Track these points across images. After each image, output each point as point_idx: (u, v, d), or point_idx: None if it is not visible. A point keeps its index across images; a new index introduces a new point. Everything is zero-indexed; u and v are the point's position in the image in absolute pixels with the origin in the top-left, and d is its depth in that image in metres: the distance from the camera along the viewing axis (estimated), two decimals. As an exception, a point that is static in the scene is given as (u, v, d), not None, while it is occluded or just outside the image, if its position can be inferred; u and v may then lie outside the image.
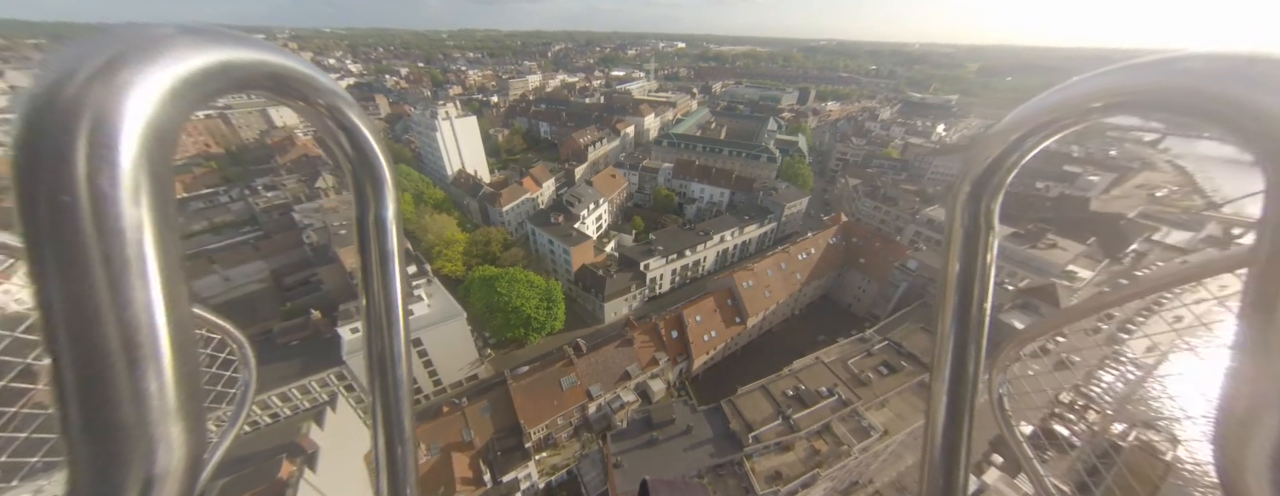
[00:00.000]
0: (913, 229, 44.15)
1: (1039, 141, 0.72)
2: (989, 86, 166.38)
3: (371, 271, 0.97)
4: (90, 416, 0.38)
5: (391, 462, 1.06)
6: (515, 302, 32.11)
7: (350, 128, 0.78)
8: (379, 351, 1.01)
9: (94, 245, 0.36)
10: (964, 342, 0.90)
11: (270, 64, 0.53)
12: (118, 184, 0.37)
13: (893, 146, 70.54)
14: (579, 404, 27.66)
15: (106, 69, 0.37)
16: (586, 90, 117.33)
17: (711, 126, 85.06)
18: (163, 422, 0.41)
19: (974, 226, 0.86)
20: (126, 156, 0.37)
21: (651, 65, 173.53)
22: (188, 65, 0.41)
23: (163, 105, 0.39)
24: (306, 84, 0.63)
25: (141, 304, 0.39)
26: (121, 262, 0.37)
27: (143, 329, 0.39)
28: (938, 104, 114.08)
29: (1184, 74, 0.48)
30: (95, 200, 0.36)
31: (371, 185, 0.89)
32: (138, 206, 0.38)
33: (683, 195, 56.27)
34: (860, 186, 53.09)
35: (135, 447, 0.39)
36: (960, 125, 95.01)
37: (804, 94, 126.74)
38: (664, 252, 39.92)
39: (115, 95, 0.37)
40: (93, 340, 0.37)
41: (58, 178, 0.35)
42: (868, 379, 26.51)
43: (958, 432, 0.92)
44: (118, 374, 0.38)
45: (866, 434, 23.34)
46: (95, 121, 0.36)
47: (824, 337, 35.42)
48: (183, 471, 0.43)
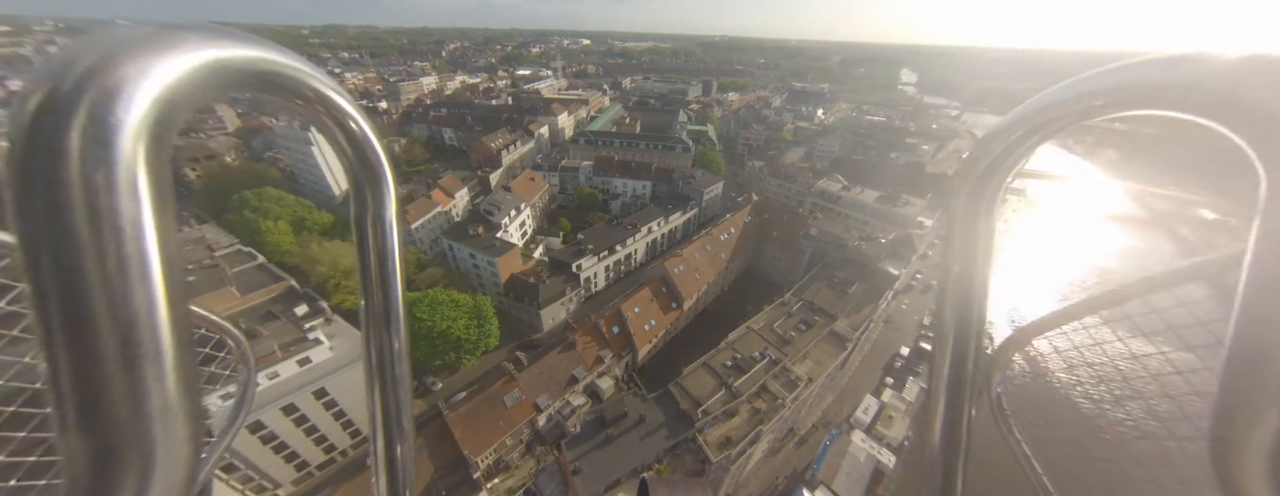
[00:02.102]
0: (810, 201, 50.21)
1: (1040, 140, 0.70)
2: (849, 75, 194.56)
3: (370, 271, 0.96)
4: (88, 416, 0.37)
5: (391, 462, 1.05)
6: (441, 326, 29.32)
7: (350, 127, 0.77)
8: (378, 351, 1.00)
9: (91, 243, 0.36)
10: (964, 342, 0.89)
11: (269, 62, 0.52)
12: (115, 181, 0.36)
13: (785, 130, 79.09)
14: (527, 418, 26.43)
15: (103, 66, 0.37)
16: (492, 91, 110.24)
17: (626, 121, 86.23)
18: (161, 422, 0.41)
19: (974, 227, 0.85)
20: (123, 154, 0.37)
21: (559, 63, 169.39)
22: (186, 63, 0.41)
23: (159, 103, 0.39)
24: (306, 83, 0.62)
25: (139, 302, 0.39)
26: (119, 261, 0.37)
27: (141, 327, 0.39)
28: (815, 91, 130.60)
29: (1185, 72, 0.48)
30: (91, 198, 0.35)
31: (371, 185, 0.89)
32: (135, 204, 0.38)
33: (606, 191, 56.40)
34: (764, 167, 58.64)
35: (134, 447, 0.39)
36: (833, 109, 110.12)
37: (707, 86, 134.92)
38: (595, 251, 39.71)
39: (111, 92, 0.36)
40: (90, 339, 0.37)
41: (54, 175, 0.34)
42: (791, 337, 29.70)
43: (957, 432, 0.91)
44: (116, 373, 0.38)
45: (795, 385, 26.21)
46: (91, 119, 0.35)
47: (752, 307, 38.63)
48: (182, 471, 0.43)
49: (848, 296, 34.19)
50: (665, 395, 25.92)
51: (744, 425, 24.28)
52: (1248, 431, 0.45)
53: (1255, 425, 0.44)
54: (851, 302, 33.70)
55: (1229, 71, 0.45)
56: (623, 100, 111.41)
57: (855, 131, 78.23)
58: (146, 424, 0.40)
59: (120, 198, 0.37)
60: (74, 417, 0.37)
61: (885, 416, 29.28)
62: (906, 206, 44.07)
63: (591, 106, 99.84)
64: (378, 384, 1.01)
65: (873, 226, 43.85)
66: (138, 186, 0.38)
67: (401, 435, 1.06)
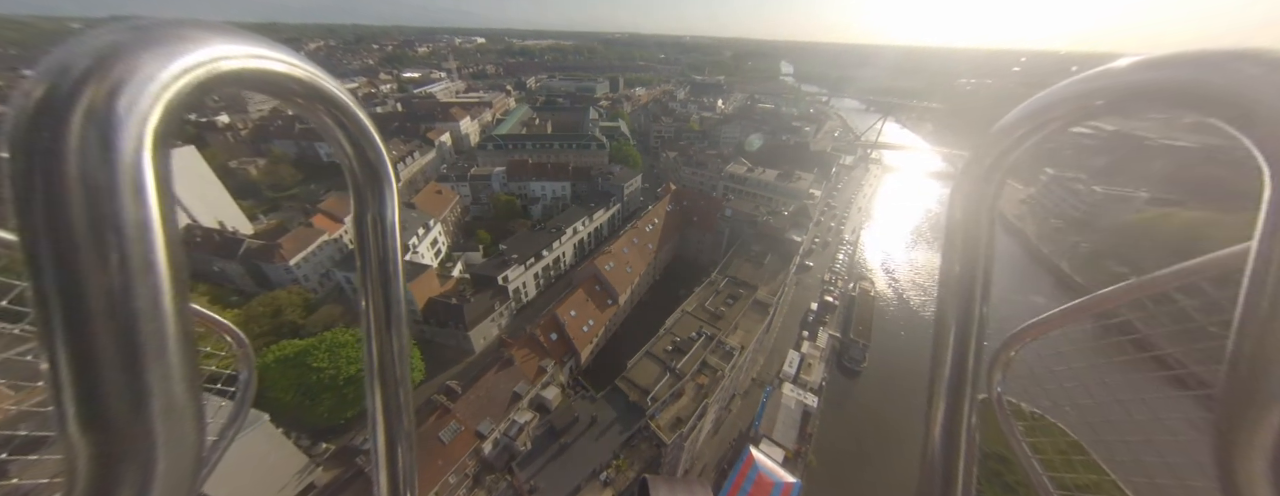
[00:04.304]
0: (722, 185, 54.10)
1: (1041, 139, 0.70)
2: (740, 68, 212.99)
3: (371, 271, 0.96)
4: (90, 414, 0.37)
5: (392, 461, 1.05)
6: (347, 372, 25.39)
7: (351, 127, 0.77)
8: (380, 351, 1.00)
9: (92, 242, 0.35)
10: (964, 342, 0.87)
11: (270, 60, 0.52)
12: (116, 180, 0.36)
13: (692, 121, 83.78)
14: (470, 450, 24.43)
15: (103, 64, 0.36)
16: (375, 97, 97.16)
17: (536, 122, 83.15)
18: (164, 421, 0.40)
19: (975, 226, 0.83)
20: (124, 153, 0.37)
21: (453, 64, 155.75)
22: (186, 61, 0.41)
23: (161, 100, 0.39)
24: (306, 82, 0.61)
25: (142, 300, 0.38)
26: (121, 260, 0.37)
27: (143, 326, 0.38)
28: (713, 84, 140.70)
29: (1188, 72, 0.48)
30: (93, 195, 0.35)
31: (372, 185, 0.89)
32: (137, 203, 0.37)
33: (524, 196, 54.00)
34: (677, 157, 61.47)
35: (136, 446, 0.39)
36: (732, 99, 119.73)
37: (614, 82, 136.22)
38: (520, 260, 37.88)
39: (113, 90, 0.36)
40: (93, 337, 0.36)
41: (55, 174, 0.34)
42: (721, 312, 31.93)
43: (958, 432, 0.90)
44: (118, 372, 0.37)
45: (731, 355, 28.32)
46: (92, 117, 0.35)
47: (684, 291, 40.55)
48: (184, 469, 0.43)
49: (764, 266, 37.81)
50: (613, 391, 26.05)
51: (691, 403, 25.56)
52: (1251, 432, 0.44)
53: (1258, 426, 0.44)
54: (768, 271, 37.36)
55: (1234, 71, 0.44)
56: (530, 101, 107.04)
57: (751, 118, 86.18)
58: (149, 423, 0.40)
59: (123, 195, 0.37)
60: (76, 416, 0.37)
61: (806, 365, 33.32)
62: (799, 181, 50.09)
63: (496, 109, 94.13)
64: (378, 383, 1.01)
65: (776, 201, 48.98)
66: (140, 183, 0.38)
67: (403, 434, 1.05)
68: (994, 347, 1.37)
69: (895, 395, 33.33)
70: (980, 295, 0.86)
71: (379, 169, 0.88)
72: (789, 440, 27.42)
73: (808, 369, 33.07)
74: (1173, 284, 0.94)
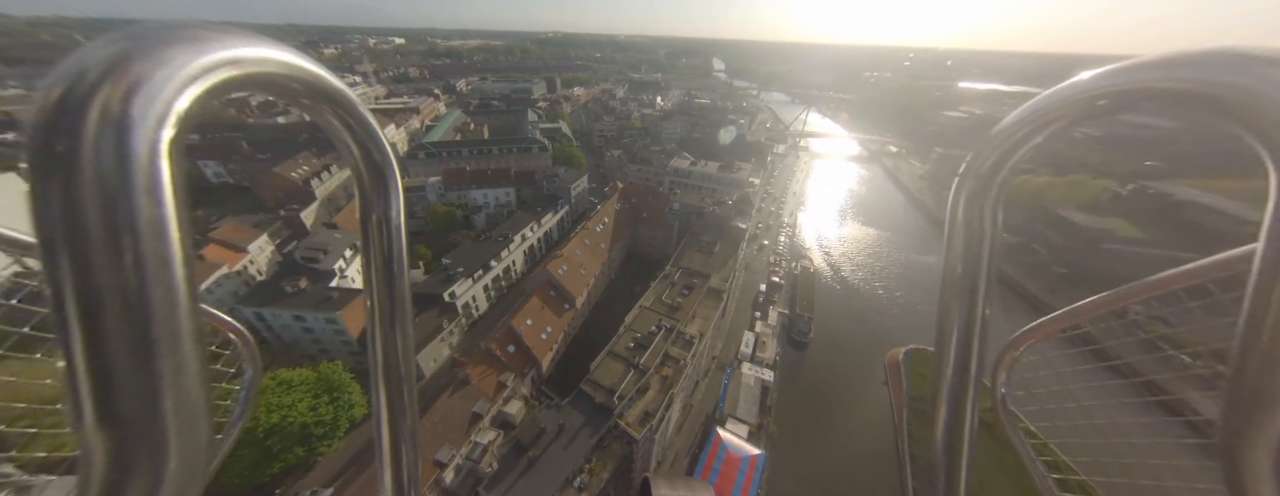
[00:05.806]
0: (668, 180, 55.28)
1: (1044, 138, 0.69)
2: (675, 66, 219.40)
3: (376, 271, 0.97)
4: (105, 412, 0.38)
5: (396, 460, 1.06)
6: (270, 420, 22.36)
7: (357, 128, 0.78)
8: (385, 349, 1.01)
9: (108, 242, 0.36)
10: (966, 343, 0.86)
11: (279, 63, 0.52)
12: (131, 181, 0.37)
13: (634, 118, 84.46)
14: (430, 481, 22.75)
15: (118, 67, 0.37)
16: (272, 107, 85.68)
17: (471, 127, 78.74)
18: (176, 418, 0.41)
19: (976, 227, 0.81)
20: (138, 154, 0.37)
21: (370, 66, 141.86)
22: (198, 63, 0.42)
23: (174, 104, 0.40)
24: (314, 84, 0.62)
25: (157, 300, 0.39)
26: (136, 259, 0.37)
27: (157, 324, 0.39)
28: (651, 81, 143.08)
29: (1190, 73, 0.47)
30: (109, 198, 0.36)
31: (377, 185, 0.91)
32: (151, 203, 0.38)
33: (465, 206, 51.04)
34: (622, 155, 61.66)
35: (147, 442, 0.40)
36: (669, 96, 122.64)
37: (552, 83, 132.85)
38: (467, 273, 35.81)
39: (128, 92, 0.37)
40: (109, 336, 0.37)
41: (72, 176, 0.35)
42: (678, 303, 32.72)
43: (960, 432, 0.89)
44: (133, 370, 0.38)
45: (691, 344, 29.17)
46: (107, 119, 0.36)
47: (640, 287, 41.02)
48: (192, 465, 0.44)
49: (715, 255, 39.35)
50: (579, 395, 25.67)
51: (658, 395, 25.97)
52: (1257, 430, 0.44)
53: (1264, 425, 0.44)
54: (718, 259, 38.94)
55: (1243, 71, 0.44)
56: (462, 105, 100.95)
57: (689, 114, 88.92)
58: (162, 420, 0.40)
59: (138, 195, 0.37)
60: (91, 414, 0.38)
61: (761, 343, 35.35)
62: (739, 171, 52.75)
63: (425, 115, 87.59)
64: (383, 382, 1.01)
65: (720, 192, 51.14)
66: (154, 184, 0.38)
67: (407, 432, 1.06)
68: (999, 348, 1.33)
69: (839, 358, 36.64)
70: (983, 296, 0.85)
71: (385, 169, 0.89)
72: (751, 415, 28.96)
73: (763, 346, 35.08)
74: (1180, 284, 0.94)
